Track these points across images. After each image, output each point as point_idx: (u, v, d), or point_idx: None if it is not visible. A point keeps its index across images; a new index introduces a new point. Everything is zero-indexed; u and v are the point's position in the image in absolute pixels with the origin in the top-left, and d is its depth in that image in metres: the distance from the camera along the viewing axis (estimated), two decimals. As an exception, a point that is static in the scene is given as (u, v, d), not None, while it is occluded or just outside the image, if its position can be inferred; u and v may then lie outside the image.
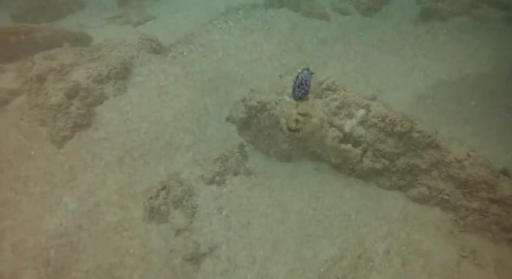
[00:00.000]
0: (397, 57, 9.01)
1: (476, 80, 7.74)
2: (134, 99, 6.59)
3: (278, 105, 4.71)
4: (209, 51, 8.65)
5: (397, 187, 4.91)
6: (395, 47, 9.51)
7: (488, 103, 6.93)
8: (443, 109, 6.78)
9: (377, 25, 10.84)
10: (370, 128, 4.60)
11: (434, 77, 7.95)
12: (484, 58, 8.75)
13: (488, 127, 6.19)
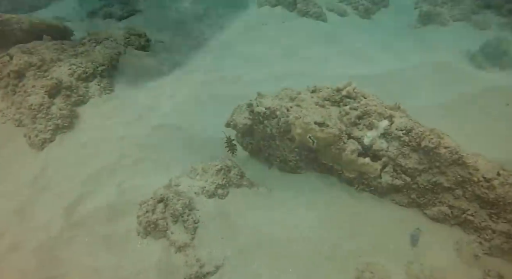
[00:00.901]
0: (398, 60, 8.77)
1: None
2: (122, 100, 6.11)
3: (291, 113, 4.35)
4: (200, 50, 8.24)
5: (415, 204, 4.62)
6: (395, 50, 9.28)
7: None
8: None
9: (375, 28, 10.64)
10: (393, 141, 4.30)
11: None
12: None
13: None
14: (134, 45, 7.34)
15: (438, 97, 6.70)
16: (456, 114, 6.20)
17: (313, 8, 10.31)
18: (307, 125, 4.16)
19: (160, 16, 9.97)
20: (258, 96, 4.68)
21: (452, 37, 11.00)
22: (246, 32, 9.12)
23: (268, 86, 6.90)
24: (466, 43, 9.81)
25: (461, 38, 10.92)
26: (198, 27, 9.28)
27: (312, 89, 4.64)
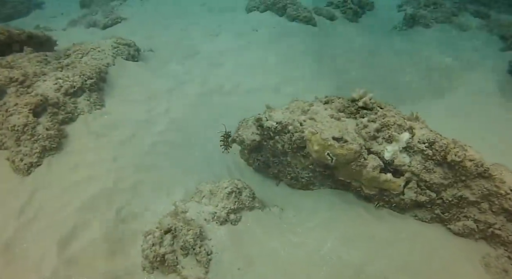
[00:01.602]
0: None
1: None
2: (114, 116, 5.49)
3: (306, 127, 3.85)
4: (193, 58, 7.66)
5: (438, 219, 4.20)
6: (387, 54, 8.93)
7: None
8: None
9: (365, 31, 10.28)
10: (415, 155, 3.85)
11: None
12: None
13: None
14: (123, 55, 6.71)
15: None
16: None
17: (302, 12, 9.88)
18: (325, 142, 3.67)
19: (146, 23, 9.33)
20: (267, 109, 4.17)
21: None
22: (238, 38, 8.58)
23: (268, 95, 6.42)
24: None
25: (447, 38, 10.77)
26: (188, 34, 8.69)
27: (324, 100, 4.15)
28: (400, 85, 7.30)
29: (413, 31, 11.15)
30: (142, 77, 6.47)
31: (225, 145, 4.73)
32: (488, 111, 6.98)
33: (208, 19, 9.74)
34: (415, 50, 9.09)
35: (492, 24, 11.94)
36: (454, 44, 10.38)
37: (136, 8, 10.55)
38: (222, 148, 4.73)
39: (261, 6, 10.40)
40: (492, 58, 9.65)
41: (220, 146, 4.70)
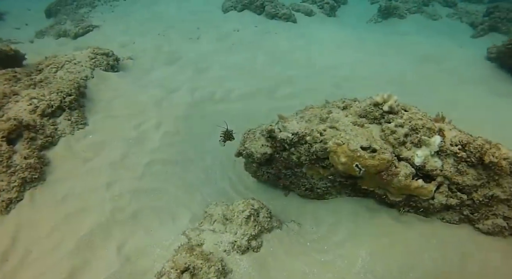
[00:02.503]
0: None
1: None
2: (100, 136, 4.78)
3: (328, 137, 3.31)
4: (176, 64, 6.96)
5: (466, 220, 3.78)
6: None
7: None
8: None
9: (345, 25, 9.84)
10: (447, 158, 3.39)
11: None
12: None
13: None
14: (102, 66, 5.95)
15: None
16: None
17: (281, 9, 9.31)
18: (354, 153, 3.14)
19: (121, 30, 8.51)
20: (280, 119, 3.59)
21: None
22: (220, 40, 7.92)
23: (264, 99, 5.84)
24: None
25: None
26: (167, 38, 7.96)
27: (342, 106, 3.62)
28: (396, 78, 6.87)
29: (389, 23, 10.85)
30: (125, 89, 5.74)
31: (224, 140, 4.14)
32: (480, 100, 6.67)
33: (184, 22, 9.00)
34: (399, 42, 8.72)
35: (460, 13, 11.83)
36: (431, 33, 10.13)
37: (107, 15, 9.67)
38: (221, 140, 4.11)
39: (238, 5, 9.77)
40: (467, 45, 9.47)
41: (219, 140, 4.07)
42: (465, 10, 11.92)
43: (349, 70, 7.00)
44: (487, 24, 10.33)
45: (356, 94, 6.11)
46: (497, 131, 5.58)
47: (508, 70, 7.72)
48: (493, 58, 8.18)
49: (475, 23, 10.71)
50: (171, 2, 10.68)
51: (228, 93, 5.87)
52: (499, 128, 5.82)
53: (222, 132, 4.16)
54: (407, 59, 7.89)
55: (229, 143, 5.08)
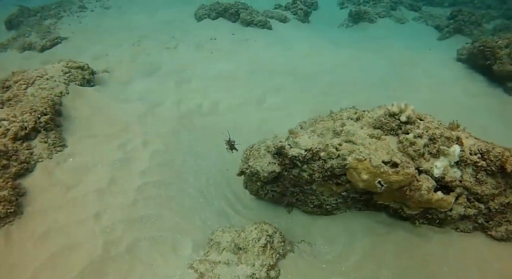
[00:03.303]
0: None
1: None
2: (81, 159, 4.21)
3: (344, 152, 2.96)
4: (155, 75, 6.43)
5: (480, 228, 3.56)
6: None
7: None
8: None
9: (320, 32, 9.64)
10: (466, 168, 3.14)
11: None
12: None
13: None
14: (76, 81, 5.34)
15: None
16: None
17: (257, 17, 8.96)
18: (377, 169, 2.81)
19: (92, 41, 7.84)
20: (290, 134, 3.21)
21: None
22: (198, 49, 7.45)
23: (253, 110, 5.44)
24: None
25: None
26: (143, 48, 7.39)
27: (356, 117, 3.29)
28: (377, 82, 6.68)
29: (360, 27, 10.77)
30: (104, 105, 5.17)
31: (230, 148, 3.95)
32: (457, 100, 6.61)
33: (158, 31, 8.45)
34: (373, 46, 8.59)
35: (425, 16, 11.97)
36: (401, 37, 10.12)
37: (75, 26, 8.93)
38: (228, 149, 3.94)
39: (212, 13, 9.32)
40: (435, 47, 9.54)
41: (226, 148, 3.90)
42: (429, 14, 12.08)
43: (332, 76, 6.75)
44: (452, 27, 10.46)
45: (344, 100, 5.89)
46: (479, 132, 5.51)
47: (478, 70, 7.76)
48: (464, 60, 8.21)
49: (441, 26, 10.83)
50: (141, 11, 10.09)
51: (215, 105, 5.43)
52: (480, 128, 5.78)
53: (226, 142, 3.91)
54: (384, 63, 7.75)
55: (220, 157, 4.67)
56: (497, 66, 7.03)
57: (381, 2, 12.08)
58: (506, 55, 7.05)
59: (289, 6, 10.51)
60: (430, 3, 13.70)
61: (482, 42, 7.47)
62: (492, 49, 7.20)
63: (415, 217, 3.45)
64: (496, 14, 12.27)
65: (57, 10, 9.91)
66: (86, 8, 10.30)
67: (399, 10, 12.16)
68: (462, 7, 12.49)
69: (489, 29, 10.97)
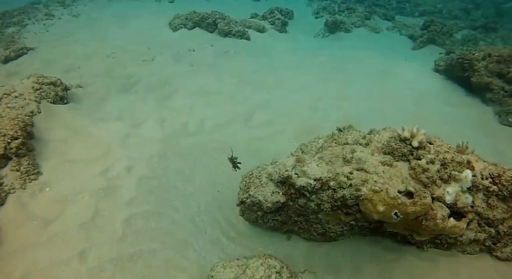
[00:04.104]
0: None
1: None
2: (59, 188, 3.83)
3: (357, 181, 2.81)
4: (132, 90, 6.07)
5: (486, 250, 3.52)
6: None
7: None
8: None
9: (299, 42, 9.57)
10: (477, 193, 3.07)
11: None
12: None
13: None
14: (49, 98, 4.92)
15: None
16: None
17: (235, 27, 8.77)
18: (395, 201, 2.68)
19: (61, 52, 7.35)
20: (297, 162, 3.01)
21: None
22: (177, 61, 7.15)
23: (242, 128, 5.22)
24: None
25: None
26: (117, 61, 7.00)
27: (365, 142, 3.14)
28: (363, 94, 6.64)
29: (337, 37, 10.82)
30: (80, 125, 4.79)
31: (234, 166, 3.81)
32: (439, 112, 6.69)
33: (132, 42, 8.06)
34: (353, 57, 8.61)
35: (399, 26, 12.23)
36: (377, 46, 10.24)
37: (42, 35, 8.37)
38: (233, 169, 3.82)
39: (189, 23, 9.04)
40: (411, 57, 9.72)
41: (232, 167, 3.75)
42: (402, 23, 12.35)
43: (317, 89, 6.65)
44: (425, 37, 10.72)
45: (333, 114, 5.80)
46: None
47: (456, 81, 7.93)
48: (441, 71, 8.38)
49: (415, 35, 11.07)
50: (113, 20, 9.65)
51: (201, 124, 5.16)
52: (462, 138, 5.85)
53: (229, 159, 3.76)
54: (366, 75, 7.76)
55: (210, 178, 4.41)
56: (475, 78, 7.19)
57: (356, 12, 12.24)
58: (483, 67, 7.23)
59: (266, 15, 10.40)
60: (401, 12, 14.07)
61: (460, 54, 7.64)
62: (470, 62, 7.37)
63: (423, 242, 3.35)
64: (463, 24, 12.75)
65: (21, 17, 9.29)
66: (53, 16, 9.73)
67: (373, 19, 12.36)
68: (431, 17, 12.91)
69: (458, 39, 11.35)
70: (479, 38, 11.34)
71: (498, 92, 6.98)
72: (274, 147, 4.79)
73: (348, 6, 12.57)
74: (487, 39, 11.54)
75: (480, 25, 12.25)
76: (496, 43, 11.18)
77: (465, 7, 14.23)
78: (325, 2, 14.32)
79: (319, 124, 5.37)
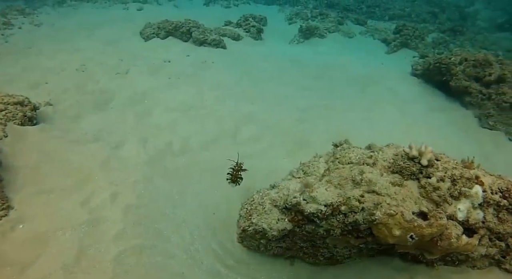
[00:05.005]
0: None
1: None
2: (35, 224, 3.45)
3: (369, 205, 2.65)
4: (108, 107, 5.70)
5: (495, 263, 3.47)
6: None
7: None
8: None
9: (275, 49, 9.46)
10: (488, 208, 3.00)
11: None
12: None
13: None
14: (16, 120, 4.49)
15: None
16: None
17: (210, 35, 8.54)
18: (411, 224, 2.54)
19: (24, 65, 6.82)
20: (305, 188, 2.82)
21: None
22: (153, 74, 6.81)
23: (230, 144, 4.98)
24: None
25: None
26: (89, 74, 6.57)
27: (372, 161, 3.00)
28: (347, 103, 6.58)
29: (312, 42, 10.80)
30: (54, 148, 4.39)
31: (233, 179, 3.70)
32: (425, 117, 6.74)
33: (102, 54, 7.62)
34: (332, 63, 8.58)
35: (371, 30, 12.40)
36: (354, 52, 10.31)
37: (0, 46, 7.78)
38: (229, 181, 3.70)
39: (161, 32, 8.70)
40: (386, 61, 9.85)
41: (227, 179, 3.65)
42: (374, 28, 12.54)
43: (301, 100, 6.51)
44: (398, 41, 10.91)
45: (321, 126, 5.67)
46: (448, 147, 5.60)
47: (435, 85, 8.07)
48: (419, 75, 8.52)
49: (388, 40, 11.25)
50: (79, 29, 9.14)
51: (187, 142, 4.88)
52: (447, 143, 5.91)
53: (231, 169, 3.64)
54: (346, 81, 7.74)
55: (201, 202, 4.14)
56: (454, 82, 7.32)
57: (329, 17, 12.31)
58: (461, 71, 7.37)
59: (240, 23, 10.22)
60: (371, 17, 14.32)
61: (438, 59, 7.77)
62: (447, 66, 7.50)
63: (434, 260, 3.25)
64: (432, 28, 13.11)
65: (-26, 28, 8.62)
66: (13, 25, 9.10)
67: (346, 24, 12.47)
68: (400, 21, 13.22)
69: (430, 42, 11.64)
70: (449, 41, 11.68)
71: (476, 95, 7.11)
72: (267, 164, 4.58)
73: (321, 12, 12.62)
74: (456, 42, 11.90)
75: (448, 28, 12.64)
76: (465, 46, 11.56)
77: (432, 11, 14.67)
78: (297, 8, 14.35)
79: (309, 137, 5.23)
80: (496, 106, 6.86)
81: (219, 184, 4.30)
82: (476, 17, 15.57)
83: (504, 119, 6.71)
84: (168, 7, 12.97)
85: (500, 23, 14.30)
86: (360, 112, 6.32)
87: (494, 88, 7.01)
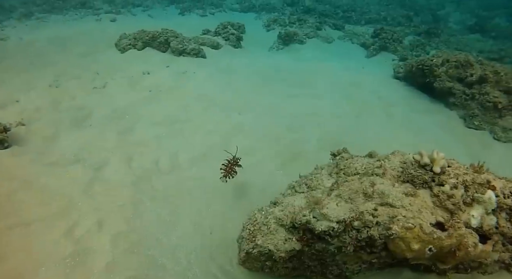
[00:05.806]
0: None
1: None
2: (14, 262, 3.12)
3: (384, 219, 2.50)
4: (85, 124, 5.38)
5: (505, 267, 3.38)
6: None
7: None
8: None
9: (257, 56, 9.32)
10: (501, 213, 2.91)
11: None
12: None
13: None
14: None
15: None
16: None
17: (189, 45, 8.33)
18: (430, 236, 2.40)
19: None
20: (314, 204, 2.63)
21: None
22: (133, 87, 6.52)
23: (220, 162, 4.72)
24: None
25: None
26: (64, 90, 6.22)
27: (381, 172, 2.84)
28: (336, 110, 6.47)
29: (291, 49, 10.74)
30: (29, 173, 4.05)
31: (227, 173, 3.64)
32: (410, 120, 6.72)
33: (77, 67, 7.28)
34: (314, 69, 8.52)
35: (349, 34, 12.48)
36: (334, 57, 10.31)
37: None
38: (222, 175, 3.66)
39: (138, 42, 8.42)
40: (366, 65, 9.88)
41: (221, 173, 3.61)
42: (352, 32, 12.62)
43: (288, 108, 6.36)
44: (377, 45, 11.00)
45: (312, 135, 5.48)
46: (438, 148, 5.56)
47: (417, 87, 8.12)
48: (401, 77, 8.57)
49: (367, 43, 11.32)
50: (49, 43, 8.73)
51: (174, 159, 4.62)
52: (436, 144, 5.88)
53: (227, 163, 3.58)
54: (331, 87, 7.66)
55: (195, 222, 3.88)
56: (438, 83, 7.36)
57: (307, 23, 12.31)
58: (444, 72, 7.42)
59: (219, 31, 10.04)
60: (348, 21, 14.44)
61: (420, 61, 7.81)
62: (429, 68, 7.54)
63: (446, 269, 3.12)
64: (407, 30, 13.33)
65: None
66: (-25, 40, 8.63)
67: (325, 29, 12.49)
68: (377, 25, 13.40)
69: (407, 45, 11.81)
70: (425, 43, 11.88)
71: (460, 96, 7.17)
72: (261, 178, 4.38)
73: (299, 17, 12.62)
74: (432, 44, 12.12)
75: (423, 31, 12.89)
76: (440, 47, 11.78)
77: (406, 14, 14.96)
78: (274, 15, 14.32)
79: (302, 147, 5.06)
80: (480, 106, 6.92)
81: (213, 201, 4.08)
82: (448, 19, 16.02)
83: (488, 119, 6.77)
84: (142, 17, 12.68)
85: (470, 25, 14.73)
86: (347, 118, 6.22)
87: (477, 88, 7.08)
